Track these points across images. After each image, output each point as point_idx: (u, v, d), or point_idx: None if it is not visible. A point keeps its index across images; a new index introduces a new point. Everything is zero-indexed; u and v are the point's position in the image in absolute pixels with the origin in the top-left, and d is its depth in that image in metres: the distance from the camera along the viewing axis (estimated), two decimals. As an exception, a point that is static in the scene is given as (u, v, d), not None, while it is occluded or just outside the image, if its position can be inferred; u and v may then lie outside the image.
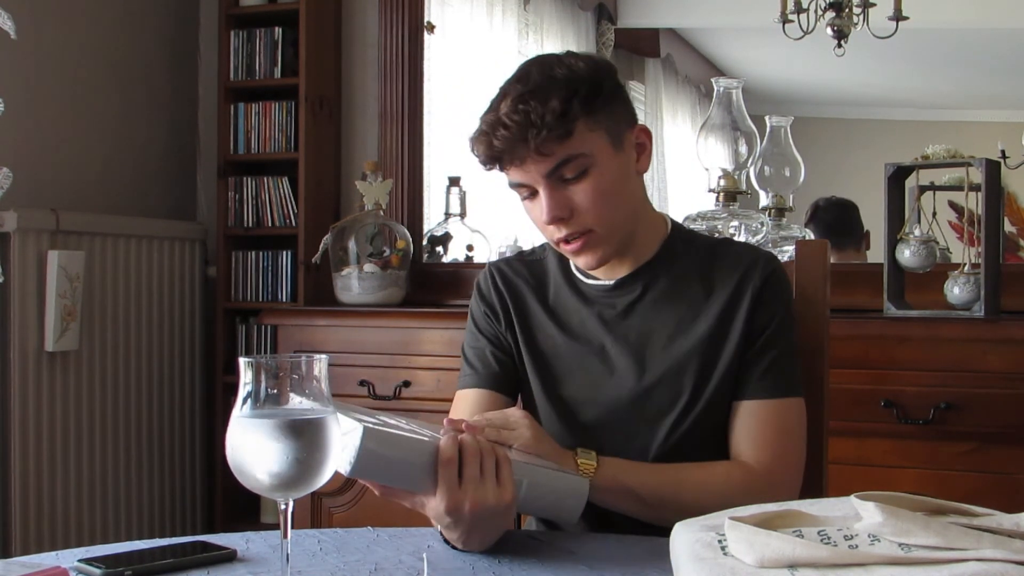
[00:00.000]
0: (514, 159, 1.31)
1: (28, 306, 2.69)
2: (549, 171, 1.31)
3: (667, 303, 1.39)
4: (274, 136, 3.12)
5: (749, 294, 1.36)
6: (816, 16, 3.56)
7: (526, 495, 1.15)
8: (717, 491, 1.29)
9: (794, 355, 1.39)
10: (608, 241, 1.36)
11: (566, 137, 1.29)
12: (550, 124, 1.27)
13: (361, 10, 3.21)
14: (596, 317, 1.42)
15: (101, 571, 1.05)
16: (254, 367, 0.93)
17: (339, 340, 2.63)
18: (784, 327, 1.38)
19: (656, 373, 1.36)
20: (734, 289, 1.37)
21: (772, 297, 1.38)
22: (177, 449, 3.21)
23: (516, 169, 1.32)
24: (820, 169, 3.56)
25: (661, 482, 1.29)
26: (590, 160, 1.31)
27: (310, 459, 0.92)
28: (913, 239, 2.34)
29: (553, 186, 1.32)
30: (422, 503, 1.13)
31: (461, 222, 3.17)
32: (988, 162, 2.27)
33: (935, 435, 2.15)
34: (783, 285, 1.40)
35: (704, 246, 1.44)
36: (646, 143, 1.40)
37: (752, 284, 1.37)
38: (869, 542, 0.85)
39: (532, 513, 1.33)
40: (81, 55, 3.02)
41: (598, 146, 1.32)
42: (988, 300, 2.24)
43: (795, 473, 1.35)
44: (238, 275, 3.16)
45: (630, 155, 1.38)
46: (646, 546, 1.17)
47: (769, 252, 1.43)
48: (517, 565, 1.10)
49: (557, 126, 1.28)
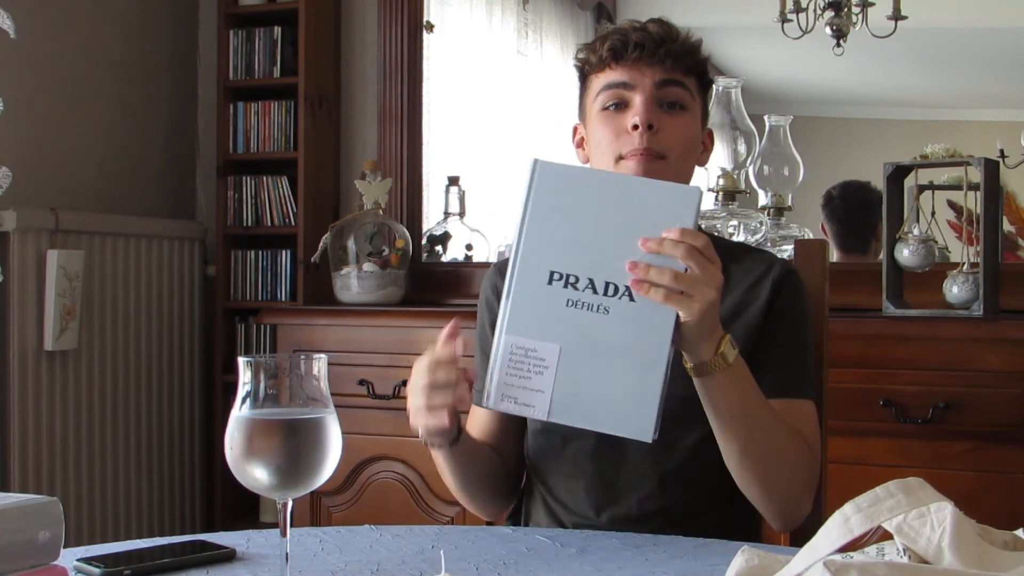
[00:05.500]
0: (636, 59, 1.37)
1: (27, 305, 2.69)
2: (662, 80, 1.37)
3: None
4: (273, 135, 3.12)
5: (767, 291, 1.37)
6: (815, 15, 3.56)
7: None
8: (797, 450, 1.30)
9: (809, 358, 1.39)
10: (670, 177, 1.34)
11: (688, 72, 1.38)
12: (685, 50, 1.37)
13: (360, 9, 3.21)
14: None
15: (100, 570, 1.05)
16: (253, 366, 0.93)
17: (338, 339, 2.63)
18: (801, 328, 1.38)
19: None
20: (749, 287, 1.38)
21: (790, 297, 1.38)
22: (176, 448, 3.21)
23: (630, 68, 1.37)
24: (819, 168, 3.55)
25: (760, 409, 1.26)
26: (691, 103, 1.39)
27: (309, 458, 0.92)
28: (912, 238, 2.34)
29: (654, 99, 1.36)
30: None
31: (460, 221, 3.17)
32: (987, 161, 2.27)
33: (934, 434, 2.15)
34: (801, 288, 1.41)
35: (723, 248, 1.44)
36: (709, 145, 1.47)
37: (770, 282, 1.37)
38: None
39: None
40: (80, 54, 3.02)
41: (695, 107, 1.41)
42: (987, 299, 2.24)
43: (819, 467, 1.36)
44: (237, 274, 3.16)
45: (701, 141, 1.45)
46: (653, 545, 1.17)
47: (786, 259, 1.44)
48: (523, 565, 1.10)
49: (687, 56, 1.38)
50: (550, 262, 1.12)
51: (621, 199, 1.10)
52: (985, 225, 2.25)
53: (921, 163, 2.35)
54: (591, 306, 1.10)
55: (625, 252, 1.10)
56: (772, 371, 1.34)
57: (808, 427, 1.34)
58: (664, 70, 1.36)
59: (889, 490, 0.85)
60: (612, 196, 1.10)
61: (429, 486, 2.53)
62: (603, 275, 1.10)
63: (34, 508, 0.91)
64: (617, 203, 1.10)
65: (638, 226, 1.10)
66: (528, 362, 1.13)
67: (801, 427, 1.33)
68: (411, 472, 2.56)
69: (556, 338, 1.12)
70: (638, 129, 1.35)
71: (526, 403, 1.13)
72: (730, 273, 1.38)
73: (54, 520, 0.91)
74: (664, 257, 1.11)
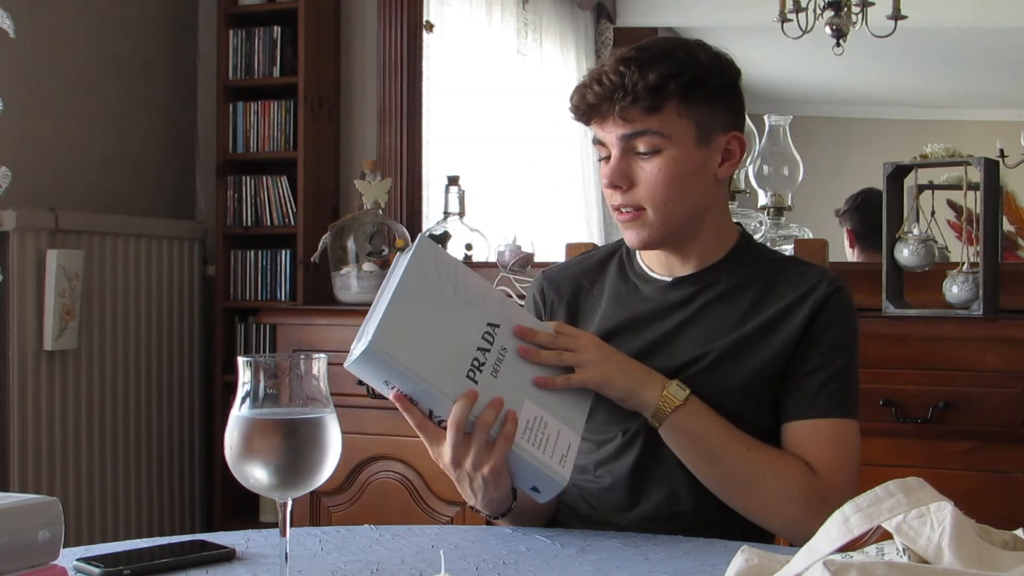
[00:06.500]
0: (599, 116, 1.34)
1: (27, 305, 2.69)
2: (623, 136, 1.33)
3: (716, 308, 1.38)
4: (273, 135, 3.12)
5: (809, 306, 1.35)
6: (815, 15, 3.56)
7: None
8: (780, 476, 1.29)
9: (850, 377, 1.36)
10: (657, 227, 1.35)
11: (651, 111, 1.32)
12: (639, 93, 1.31)
13: (360, 9, 3.21)
14: (644, 311, 1.41)
15: (100, 570, 1.05)
16: (253, 366, 0.93)
17: (338, 339, 2.63)
18: (848, 345, 1.37)
19: (677, 371, 1.34)
20: (793, 301, 1.36)
21: (838, 312, 1.36)
22: (176, 448, 3.21)
23: (598, 126, 1.36)
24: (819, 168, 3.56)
25: (726, 442, 1.30)
26: (667, 143, 1.33)
27: (308, 458, 0.92)
28: (912, 238, 2.34)
29: (623, 153, 1.34)
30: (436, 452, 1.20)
31: (460, 221, 3.17)
32: (987, 161, 2.27)
33: (934, 434, 2.15)
34: (849, 305, 1.38)
35: (773, 260, 1.44)
36: (736, 152, 1.39)
37: (814, 298, 1.35)
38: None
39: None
40: (80, 54, 3.02)
41: (682, 134, 1.34)
42: (987, 299, 2.24)
43: (849, 490, 1.30)
44: (237, 274, 3.16)
45: (714, 156, 1.37)
46: (653, 545, 1.17)
47: (837, 275, 1.41)
48: (523, 565, 1.10)
49: (645, 98, 1.31)
50: (458, 372, 1.16)
51: (417, 296, 1.18)
52: (985, 225, 2.25)
53: (921, 163, 2.34)
54: (498, 359, 1.20)
55: (458, 309, 1.20)
56: (799, 395, 1.34)
57: (828, 450, 1.32)
58: (625, 124, 1.32)
59: (889, 490, 0.85)
60: (413, 301, 1.17)
61: (429, 486, 2.53)
62: (476, 335, 1.20)
63: (34, 508, 0.91)
64: (420, 299, 1.18)
65: (440, 293, 1.20)
66: (536, 430, 1.20)
67: (817, 451, 1.31)
68: (411, 472, 2.56)
69: (520, 398, 1.21)
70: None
71: (567, 446, 1.22)
72: (775, 289, 1.37)
73: (54, 520, 0.91)
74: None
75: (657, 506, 1.36)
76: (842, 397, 1.34)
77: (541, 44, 4.45)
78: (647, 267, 1.45)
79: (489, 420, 1.15)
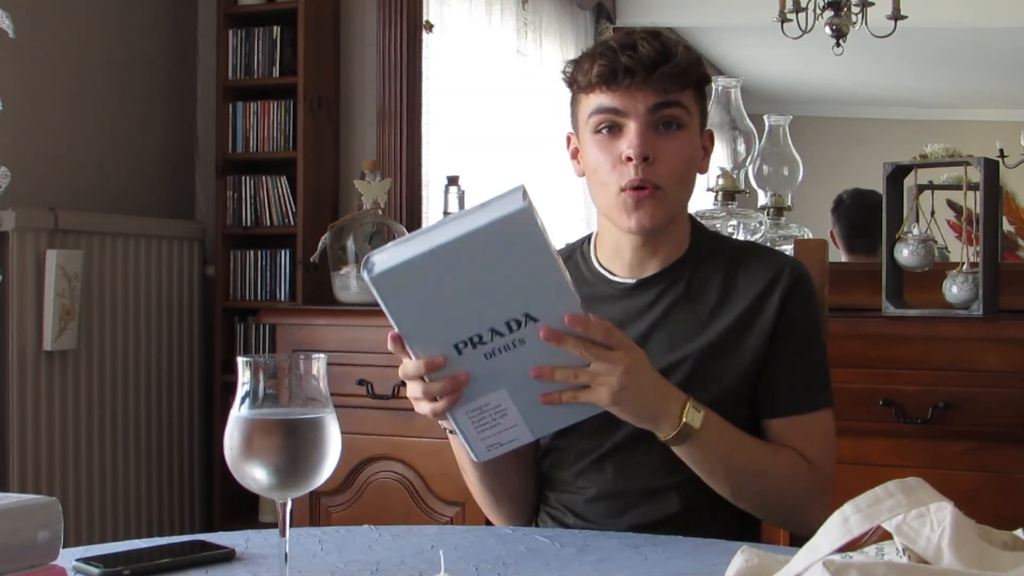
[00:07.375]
0: (628, 82, 1.30)
1: (26, 305, 2.69)
2: (655, 105, 1.30)
3: (682, 308, 1.37)
4: (272, 135, 3.12)
5: (778, 296, 1.34)
6: (815, 15, 3.57)
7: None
8: (791, 477, 1.31)
9: (824, 363, 1.38)
10: (668, 207, 1.34)
11: (683, 87, 1.32)
12: (682, 64, 1.30)
13: (360, 9, 3.21)
14: (609, 319, 1.39)
15: (99, 570, 1.05)
16: (252, 366, 0.93)
17: (337, 339, 2.63)
18: (814, 335, 1.37)
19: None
20: (759, 293, 1.35)
21: (806, 299, 1.36)
22: (176, 448, 3.21)
23: (622, 94, 1.30)
24: (819, 168, 3.56)
25: (740, 454, 1.28)
26: (690, 120, 1.34)
27: (308, 458, 0.92)
28: (911, 238, 2.34)
29: (648, 125, 1.31)
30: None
31: (460, 221, 3.17)
32: (986, 161, 2.27)
33: (934, 434, 2.15)
34: (814, 289, 1.39)
35: (731, 249, 1.43)
36: (709, 147, 1.42)
37: (782, 287, 1.35)
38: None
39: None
40: (80, 54, 3.02)
41: (694, 118, 1.35)
42: (986, 299, 2.24)
43: (833, 474, 1.36)
44: (236, 274, 3.16)
45: (701, 149, 1.40)
46: (653, 545, 1.17)
47: (796, 259, 1.41)
48: (522, 565, 1.10)
49: (686, 72, 1.31)
50: (448, 339, 1.12)
51: (470, 257, 1.08)
52: (985, 225, 2.25)
53: (921, 163, 2.34)
54: (507, 346, 1.13)
55: (506, 288, 1.11)
56: (782, 390, 1.34)
57: (816, 442, 1.34)
58: (657, 93, 1.30)
59: (888, 490, 0.85)
60: (461, 259, 1.08)
61: (428, 486, 2.53)
62: (500, 319, 1.11)
63: (33, 508, 0.90)
64: (469, 260, 1.08)
65: (500, 266, 1.09)
66: (488, 414, 1.17)
67: (807, 445, 1.33)
68: (410, 472, 2.56)
69: (497, 385, 1.15)
70: (632, 160, 1.30)
71: (511, 440, 1.19)
72: (737, 282, 1.37)
73: (53, 520, 0.91)
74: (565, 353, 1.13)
75: (645, 512, 1.35)
76: (820, 387, 1.37)
77: (541, 44, 4.45)
78: (606, 270, 1.42)
79: (434, 389, 1.14)
